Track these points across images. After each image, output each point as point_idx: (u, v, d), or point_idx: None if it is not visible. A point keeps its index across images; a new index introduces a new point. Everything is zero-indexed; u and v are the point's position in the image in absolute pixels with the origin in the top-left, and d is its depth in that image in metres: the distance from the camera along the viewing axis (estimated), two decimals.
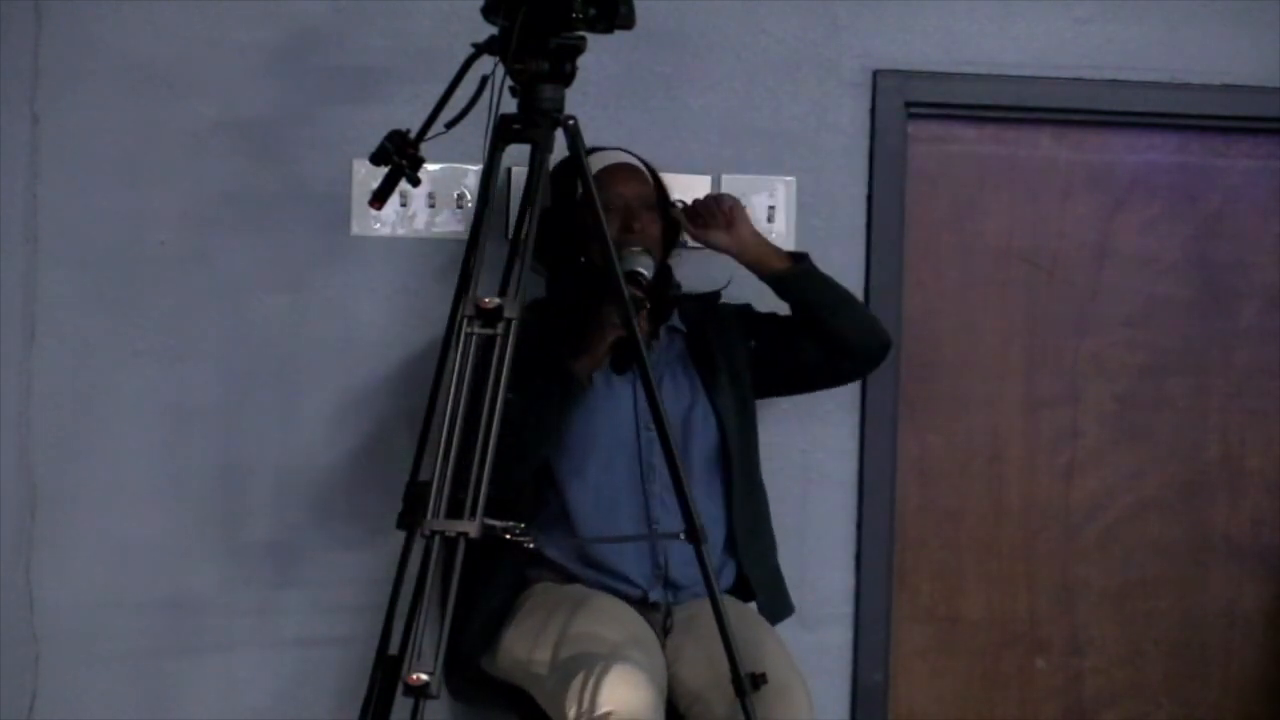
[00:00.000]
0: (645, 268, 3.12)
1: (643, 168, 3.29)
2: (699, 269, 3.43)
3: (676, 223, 3.32)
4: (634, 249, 3.13)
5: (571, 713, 2.86)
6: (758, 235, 3.29)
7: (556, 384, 3.07)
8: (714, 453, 3.23)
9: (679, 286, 3.32)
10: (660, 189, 3.31)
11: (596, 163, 3.16)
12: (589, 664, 2.90)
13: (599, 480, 3.15)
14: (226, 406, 3.46)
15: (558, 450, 3.14)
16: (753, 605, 3.26)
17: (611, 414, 3.16)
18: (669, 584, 3.17)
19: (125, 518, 3.43)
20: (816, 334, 3.26)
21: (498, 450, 2.81)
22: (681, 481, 2.84)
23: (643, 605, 3.15)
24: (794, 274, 3.26)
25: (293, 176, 3.45)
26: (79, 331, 3.41)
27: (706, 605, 2.94)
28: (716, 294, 3.39)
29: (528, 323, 3.02)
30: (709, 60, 3.59)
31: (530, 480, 3.14)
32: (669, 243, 3.31)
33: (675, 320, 3.31)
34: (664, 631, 3.14)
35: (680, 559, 3.14)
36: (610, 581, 3.15)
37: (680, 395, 3.22)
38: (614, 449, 3.16)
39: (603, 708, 2.83)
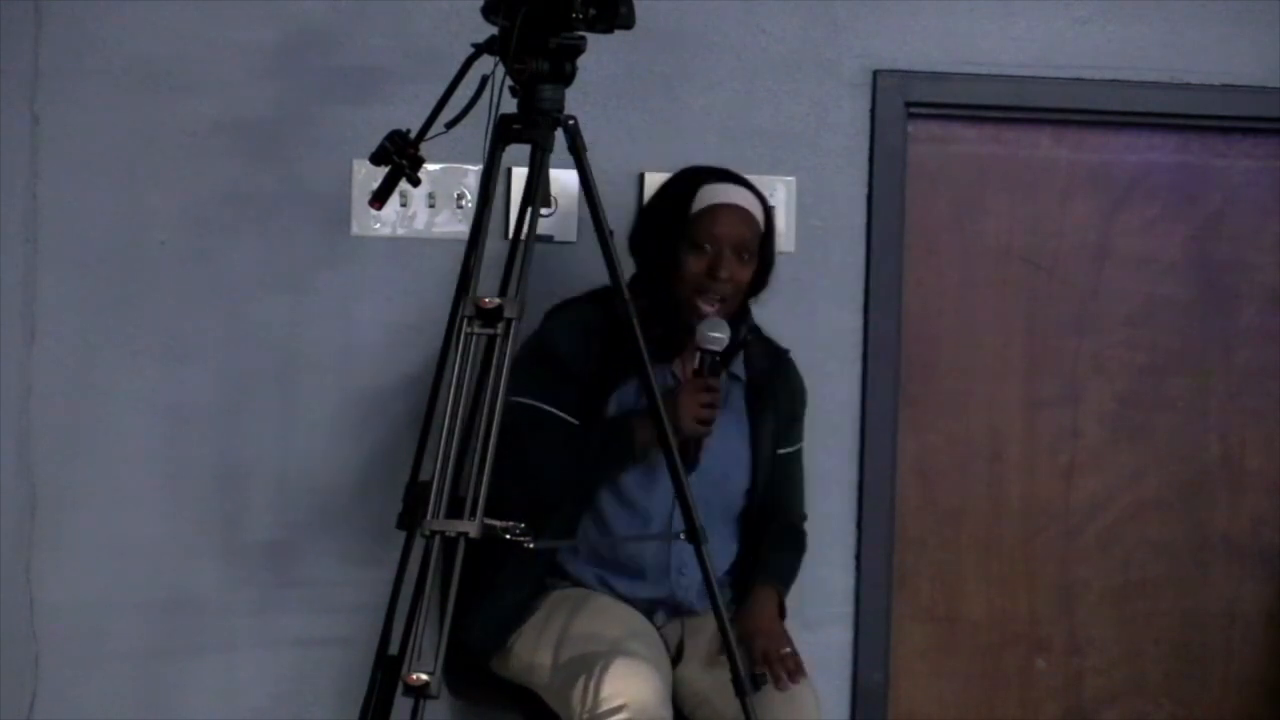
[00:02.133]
0: (717, 345, 3.03)
1: (755, 207, 3.15)
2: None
3: (771, 264, 3.19)
4: (710, 316, 3.05)
5: (579, 709, 2.86)
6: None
7: (616, 447, 3.03)
8: (737, 506, 3.22)
9: (751, 326, 3.21)
10: (768, 230, 3.18)
11: (706, 196, 3.11)
12: (592, 660, 2.91)
13: (632, 496, 3.13)
14: (226, 407, 3.46)
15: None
16: None
17: None
18: (679, 610, 3.16)
19: (125, 518, 3.43)
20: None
21: (537, 470, 2.92)
22: (681, 482, 2.84)
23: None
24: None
25: (293, 176, 3.45)
26: (79, 331, 3.41)
27: (712, 616, 2.94)
28: (786, 352, 3.34)
29: (586, 319, 3.05)
30: (709, 60, 3.58)
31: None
32: (757, 285, 3.20)
33: (738, 367, 3.23)
34: (676, 651, 3.14)
35: (695, 591, 3.14)
36: (627, 597, 3.14)
37: (727, 443, 3.16)
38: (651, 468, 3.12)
39: (613, 701, 2.84)
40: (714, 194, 3.12)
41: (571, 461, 3.05)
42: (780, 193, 3.60)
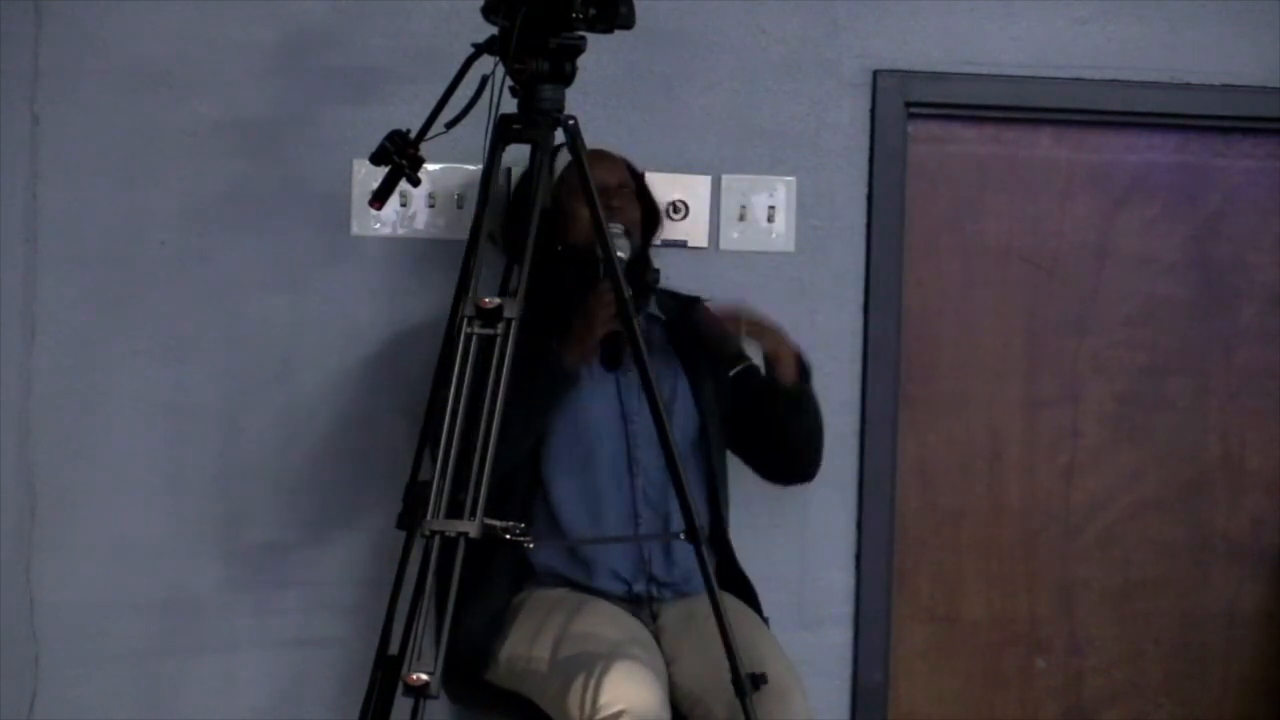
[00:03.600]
0: (622, 250, 3.05)
1: (611, 153, 3.26)
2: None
3: (656, 210, 3.31)
4: (613, 230, 3.04)
5: (576, 714, 2.86)
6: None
7: (546, 377, 3.04)
8: (694, 443, 3.22)
9: (658, 275, 3.24)
10: (635, 174, 3.30)
11: (565, 156, 3.12)
12: (590, 663, 2.90)
13: (584, 478, 3.14)
14: (226, 406, 3.46)
15: (544, 447, 3.12)
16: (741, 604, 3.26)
17: (595, 408, 3.15)
18: (651, 579, 3.17)
19: (125, 518, 3.43)
20: (773, 433, 3.27)
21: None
22: (681, 480, 2.84)
23: (629, 602, 3.15)
24: (802, 392, 3.25)
25: (293, 176, 3.45)
26: (79, 331, 3.41)
27: (701, 604, 2.94)
28: (698, 299, 3.36)
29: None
30: (709, 60, 3.59)
31: (519, 477, 3.11)
32: (648, 229, 3.29)
33: (653, 308, 3.28)
34: (652, 629, 3.14)
35: (662, 555, 3.15)
36: (597, 580, 3.14)
37: (661, 383, 3.17)
38: (598, 444, 3.15)
39: (614, 706, 2.83)
40: (562, 159, 3.12)
41: (509, 407, 2.93)
42: (780, 193, 3.60)
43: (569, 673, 2.93)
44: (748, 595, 3.28)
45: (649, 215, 3.30)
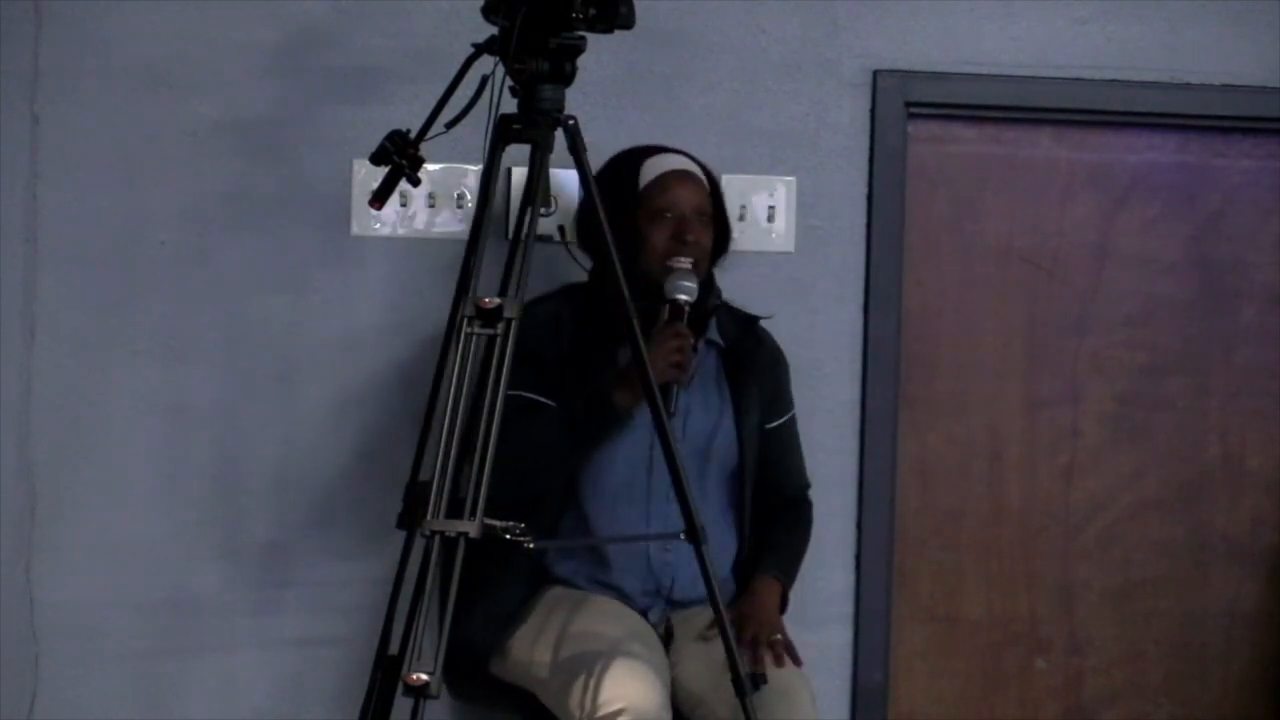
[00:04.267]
0: (689, 294, 3.04)
1: (701, 174, 3.20)
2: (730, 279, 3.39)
3: (727, 230, 3.23)
4: (681, 266, 3.06)
5: (577, 712, 2.86)
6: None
7: (596, 416, 3.02)
8: (731, 475, 3.21)
9: (719, 295, 3.24)
10: (717, 196, 3.22)
11: (653, 167, 3.14)
12: (591, 661, 2.90)
13: (614, 491, 3.13)
14: (226, 406, 3.46)
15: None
16: None
17: (639, 426, 3.10)
18: (672, 603, 3.16)
19: (125, 518, 3.43)
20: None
21: (521, 456, 2.85)
22: (681, 480, 2.83)
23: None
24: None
25: (293, 176, 3.45)
26: (79, 331, 3.41)
27: (707, 609, 2.94)
28: (757, 319, 3.33)
29: (556, 312, 3.03)
30: (709, 60, 3.59)
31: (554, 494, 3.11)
32: (718, 252, 3.23)
33: (713, 332, 3.24)
34: (665, 641, 3.14)
35: (686, 579, 3.13)
36: (616, 599, 3.14)
37: (709, 412, 3.18)
38: (637, 463, 3.13)
39: (613, 704, 2.83)
40: (660, 164, 3.15)
41: (555, 435, 3.02)
42: (780, 193, 3.60)
43: (570, 671, 2.93)
44: None
45: (721, 236, 3.22)
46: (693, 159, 3.22)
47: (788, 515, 3.31)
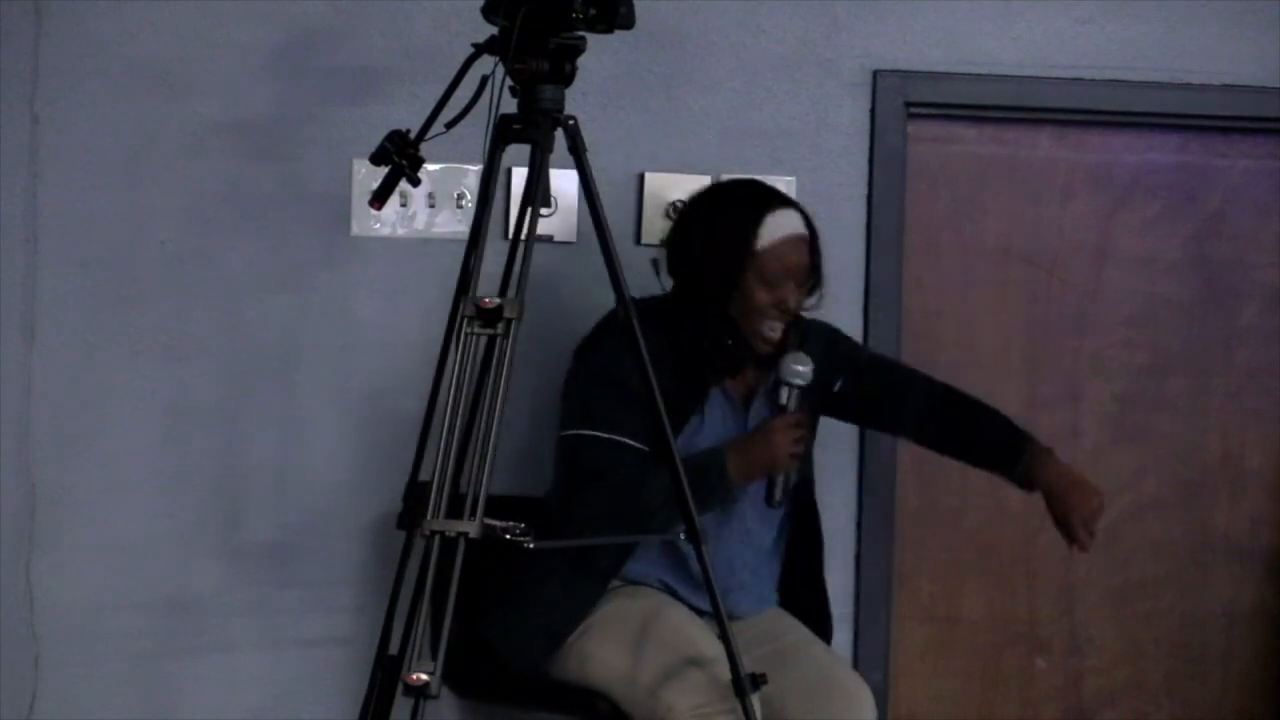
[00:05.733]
0: (803, 380, 3.05)
1: (807, 232, 3.14)
2: None
3: (820, 279, 3.18)
4: (773, 338, 3.07)
5: (684, 703, 2.89)
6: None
7: (708, 487, 2.97)
8: (792, 496, 3.20)
9: (813, 372, 3.15)
10: (815, 249, 3.17)
11: (775, 227, 3.07)
12: (691, 666, 2.93)
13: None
14: (226, 406, 3.46)
15: None
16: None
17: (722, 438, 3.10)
18: (730, 616, 3.14)
19: (125, 518, 3.43)
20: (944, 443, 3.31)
21: (629, 507, 2.94)
22: (681, 480, 2.83)
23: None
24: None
25: (293, 176, 3.45)
26: (79, 331, 3.41)
27: (789, 631, 3.09)
28: (836, 330, 3.34)
29: (649, 343, 2.90)
30: (709, 60, 3.59)
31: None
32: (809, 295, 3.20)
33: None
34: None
35: (748, 599, 3.16)
36: (695, 599, 3.13)
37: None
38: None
39: (716, 704, 2.88)
40: (780, 225, 3.08)
41: (668, 499, 2.91)
42: None
43: (670, 669, 2.94)
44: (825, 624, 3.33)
45: (814, 284, 3.18)
46: (799, 208, 3.15)
47: (961, 401, 3.30)
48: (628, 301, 2.82)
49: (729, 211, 3.12)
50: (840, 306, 3.65)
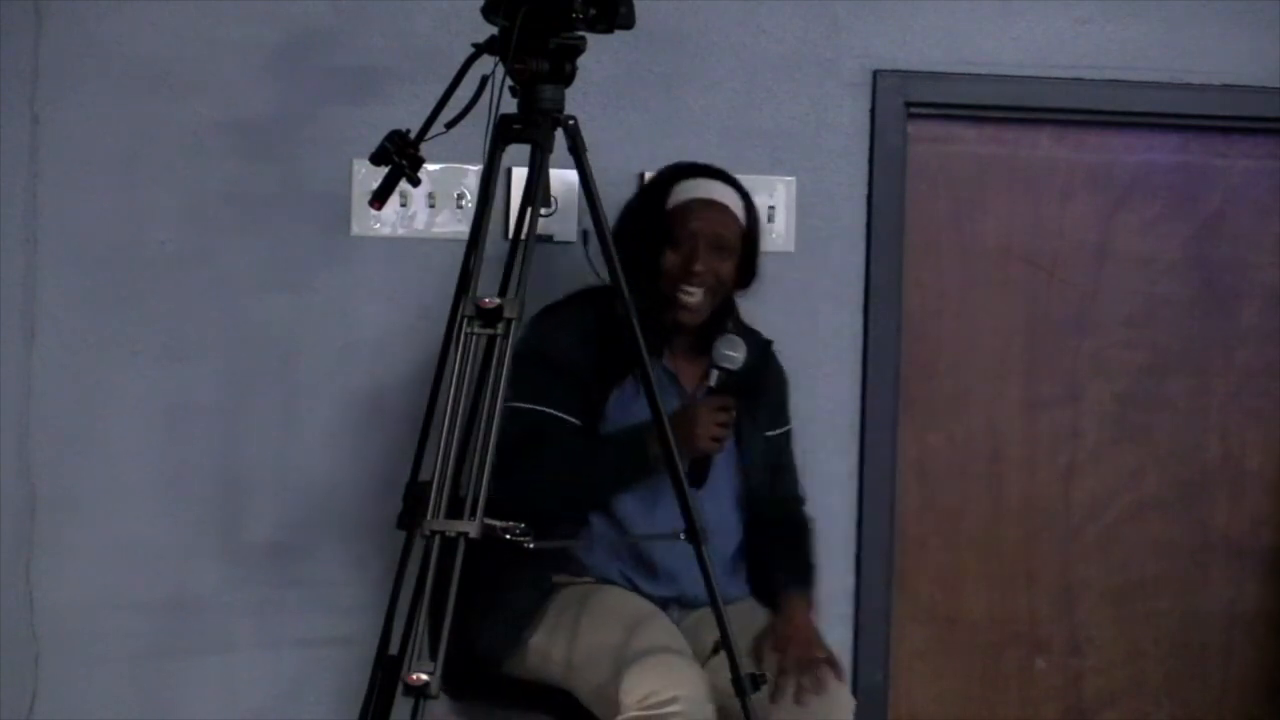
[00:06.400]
0: (733, 364, 3.04)
1: (736, 203, 3.18)
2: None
3: (754, 264, 3.20)
4: (729, 337, 3.06)
5: (628, 699, 2.87)
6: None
7: (631, 462, 3.01)
8: (735, 502, 3.21)
9: (737, 318, 3.22)
10: (752, 226, 3.19)
11: (683, 191, 3.13)
12: (638, 655, 2.92)
13: (644, 493, 3.13)
14: (226, 406, 3.46)
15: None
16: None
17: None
18: (684, 604, 3.16)
19: (125, 518, 3.43)
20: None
21: (548, 476, 2.94)
22: (681, 482, 2.84)
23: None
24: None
25: (293, 176, 3.45)
26: (79, 331, 3.41)
27: (760, 623, 3.05)
28: (770, 342, 3.35)
29: (581, 320, 3.02)
30: (709, 60, 3.59)
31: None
32: (743, 280, 3.21)
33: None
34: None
35: (692, 578, 3.12)
36: (657, 589, 3.14)
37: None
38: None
39: (665, 693, 2.85)
40: (689, 189, 3.14)
41: (583, 473, 3.04)
42: (780, 193, 3.60)
43: (615, 662, 2.93)
44: None
45: (747, 264, 3.20)
46: (733, 184, 3.18)
47: (790, 530, 3.31)
48: (628, 301, 2.83)
49: (651, 182, 3.23)
50: (840, 306, 3.66)
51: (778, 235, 3.60)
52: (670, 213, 3.13)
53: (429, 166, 2.90)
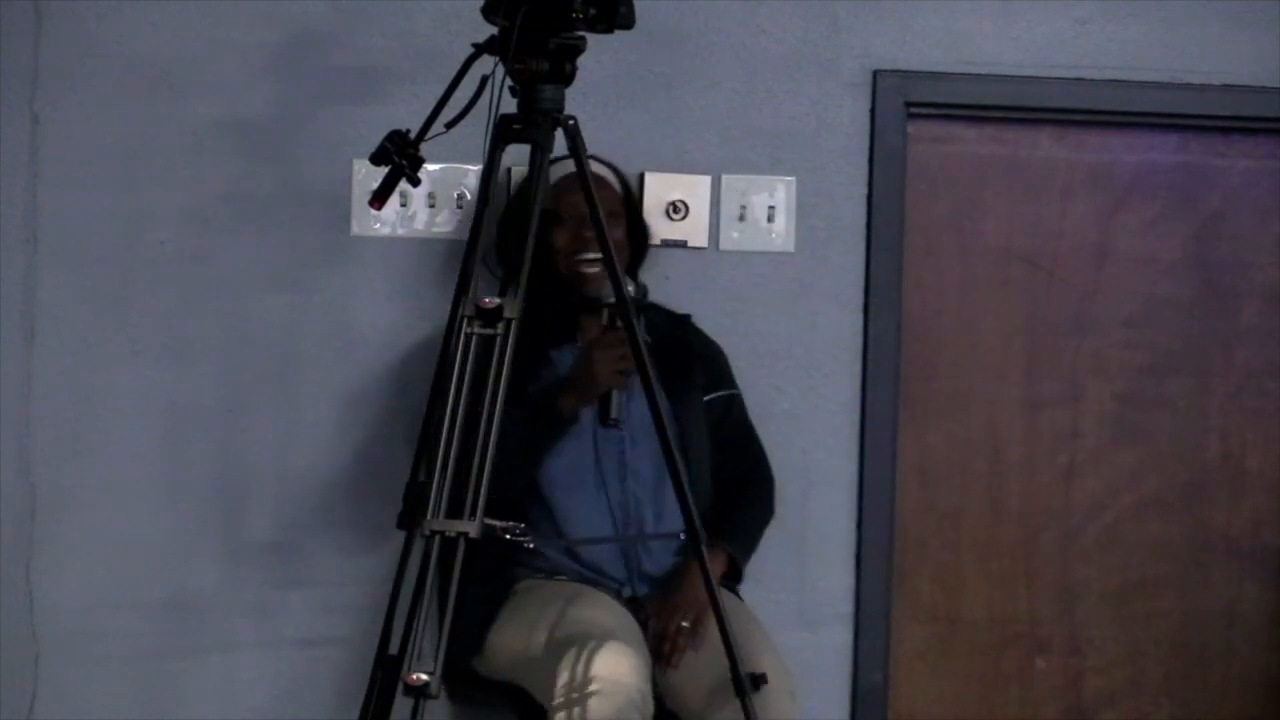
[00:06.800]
0: (607, 296, 3.07)
1: (601, 172, 3.24)
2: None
3: (644, 228, 3.33)
4: (595, 273, 3.11)
5: (560, 682, 2.89)
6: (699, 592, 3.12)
7: (543, 423, 3.10)
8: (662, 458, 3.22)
9: (645, 293, 3.24)
10: (626, 193, 3.32)
11: (555, 172, 3.14)
12: (581, 644, 2.93)
13: (578, 480, 3.17)
14: (226, 406, 3.46)
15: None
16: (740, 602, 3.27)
17: (587, 414, 3.15)
18: (643, 576, 3.20)
19: (125, 518, 3.43)
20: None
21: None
22: (680, 481, 2.84)
23: (622, 600, 3.17)
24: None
25: (293, 176, 3.45)
26: (79, 331, 3.41)
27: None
28: (688, 317, 3.41)
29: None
30: (709, 60, 3.59)
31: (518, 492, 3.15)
32: (637, 250, 3.32)
33: (642, 331, 3.23)
34: (644, 624, 3.15)
35: (650, 552, 3.19)
36: (592, 576, 3.19)
37: (639, 401, 3.15)
38: (591, 448, 3.19)
39: (599, 680, 2.87)
40: (560, 169, 3.15)
41: (505, 439, 3.00)
42: (780, 193, 3.60)
43: (558, 654, 2.95)
44: None
45: (638, 233, 3.32)
46: (603, 162, 3.27)
47: (742, 489, 3.35)
48: (628, 301, 2.83)
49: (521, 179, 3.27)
50: (840, 306, 3.65)
51: (778, 235, 3.60)
52: (548, 197, 3.11)
53: (429, 166, 2.90)
